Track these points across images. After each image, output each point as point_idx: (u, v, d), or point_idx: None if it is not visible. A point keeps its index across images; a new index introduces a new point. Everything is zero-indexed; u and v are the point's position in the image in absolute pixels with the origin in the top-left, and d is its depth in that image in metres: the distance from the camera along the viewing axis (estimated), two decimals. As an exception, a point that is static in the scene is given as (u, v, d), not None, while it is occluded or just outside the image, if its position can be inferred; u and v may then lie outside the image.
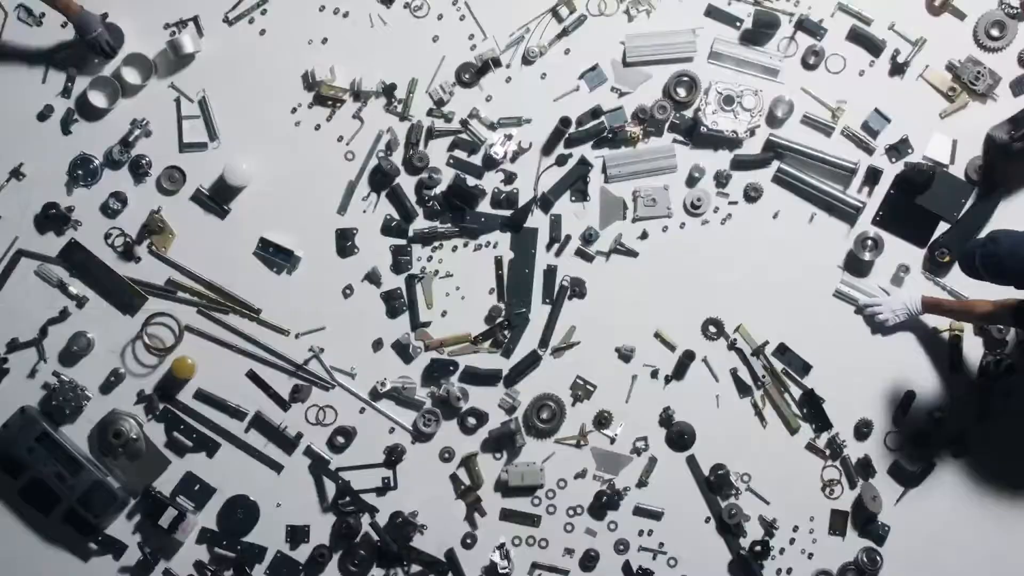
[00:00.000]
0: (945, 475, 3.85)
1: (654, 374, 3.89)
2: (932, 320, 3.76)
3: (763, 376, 3.86)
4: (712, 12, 3.87)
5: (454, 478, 3.92)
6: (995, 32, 3.78)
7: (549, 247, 3.94)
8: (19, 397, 3.94)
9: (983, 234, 3.63)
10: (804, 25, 3.84)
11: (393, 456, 3.92)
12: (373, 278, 3.93)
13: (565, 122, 3.89)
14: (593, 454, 3.92)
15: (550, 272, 3.93)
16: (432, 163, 3.92)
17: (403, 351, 3.94)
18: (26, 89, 3.91)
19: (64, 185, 3.93)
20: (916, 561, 3.87)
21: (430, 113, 3.93)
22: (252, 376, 3.94)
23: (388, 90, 3.92)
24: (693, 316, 3.90)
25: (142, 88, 3.93)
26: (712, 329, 3.86)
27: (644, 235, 3.91)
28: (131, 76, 3.89)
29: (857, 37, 3.84)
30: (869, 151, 3.85)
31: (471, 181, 3.92)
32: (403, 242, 3.95)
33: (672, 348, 3.89)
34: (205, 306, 3.96)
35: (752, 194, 3.86)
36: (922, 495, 3.86)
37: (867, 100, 3.86)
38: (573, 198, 3.93)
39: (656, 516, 3.88)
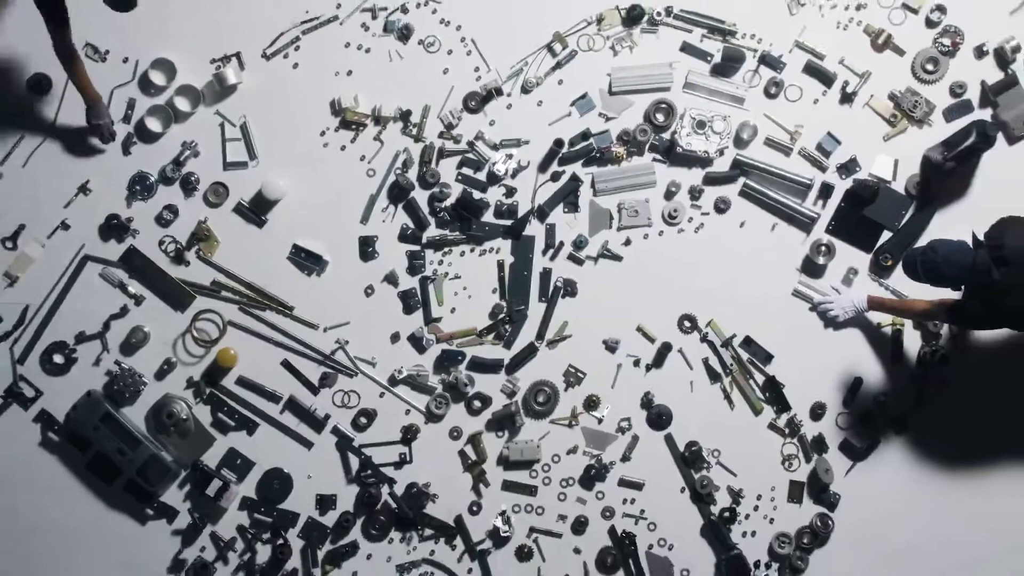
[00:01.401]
0: (888, 451, 4.13)
1: (636, 363, 4.16)
2: (876, 316, 4.03)
3: (731, 365, 4.13)
4: (686, 48, 4.13)
5: (462, 454, 4.18)
6: (930, 67, 4.07)
7: (545, 252, 4.19)
8: (86, 382, 4.21)
9: (923, 242, 3.80)
10: (766, 60, 4.12)
11: (408, 434, 4.18)
12: (391, 279, 4.19)
13: (558, 143, 4.12)
14: (583, 433, 4.17)
15: (545, 274, 4.18)
16: (443, 179, 4.19)
17: (417, 343, 4.20)
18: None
19: (124, 199, 4.22)
20: (863, 524, 4.13)
21: (441, 135, 4.19)
22: (286, 365, 4.20)
23: (404, 115, 4.17)
24: (670, 312, 4.17)
25: (191, 115, 4.20)
26: (687, 324, 4.13)
27: (627, 242, 4.16)
28: (182, 104, 4.18)
29: (812, 70, 4.11)
30: (822, 169, 4.11)
31: (477, 195, 4.18)
32: (417, 248, 4.21)
33: (652, 340, 4.14)
34: (245, 304, 4.20)
35: (721, 206, 4.12)
36: (868, 468, 4.13)
37: (820, 125, 4.14)
38: (565, 209, 4.19)
39: (638, 487, 4.15)
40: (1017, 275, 3.43)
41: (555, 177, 4.17)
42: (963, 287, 3.59)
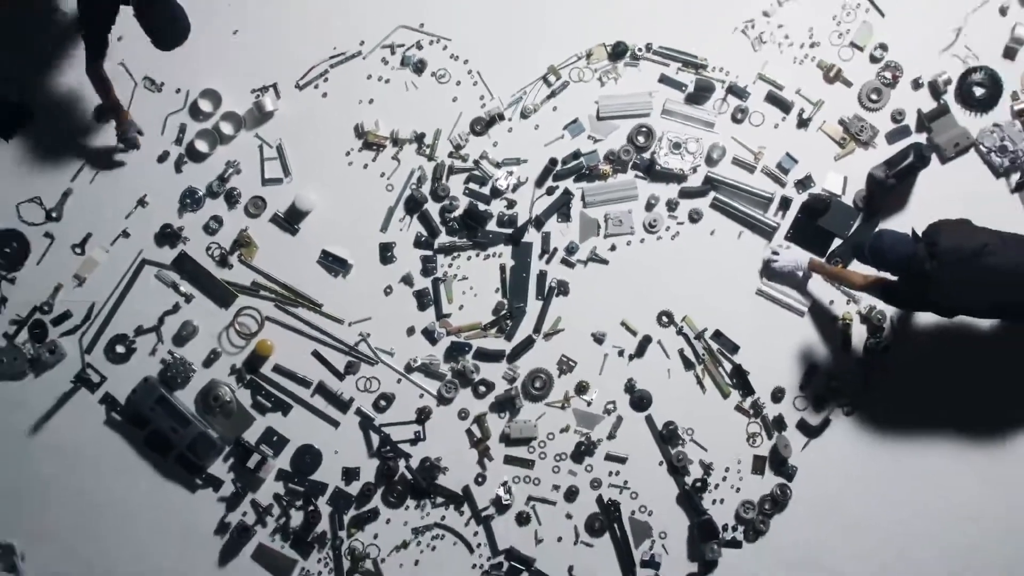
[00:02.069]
0: (838, 429, 4.37)
1: (620, 353, 4.41)
2: (828, 313, 4.32)
3: (703, 355, 4.36)
4: (664, 79, 4.42)
5: (469, 432, 4.43)
6: (874, 96, 4.36)
7: (541, 257, 4.45)
8: (143, 369, 4.48)
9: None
10: (733, 90, 4.39)
11: (422, 415, 4.44)
12: (407, 280, 4.46)
13: (553, 162, 4.41)
14: (574, 414, 4.43)
15: (542, 276, 4.44)
16: (452, 193, 4.45)
17: (430, 336, 4.45)
18: (149, 139, 4.48)
19: (176, 210, 4.49)
20: (817, 493, 4.36)
21: (450, 155, 4.46)
22: (316, 355, 4.45)
23: (419, 138, 4.45)
24: (650, 309, 4.42)
25: (234, 137, 4.48)
26: (664, 319, 4.39)
27: (613, 248, 4.42)
28: (227, 128, 4.47)
29: (772, 99, 4.39)
30: (782, 184, 4.38)
31: (481, 207, 4.44)
32: (430, 253, 4.46)
33: (634, 333, 4.40)
34: (280, 301, 4.46)
35: (695, 217, 4.39)
36: (821, 444, 4.37)
37: (780, 146, 4.40)
38: (559, 219, 4.45)
39: (622, 461, 4.39)
40: (943, 270, 3.75)
41: (550, 191, 4.46)
42: (900, 272, 3.88)
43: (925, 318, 4.31)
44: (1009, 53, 4.37)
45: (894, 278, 3.96)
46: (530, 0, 4.46)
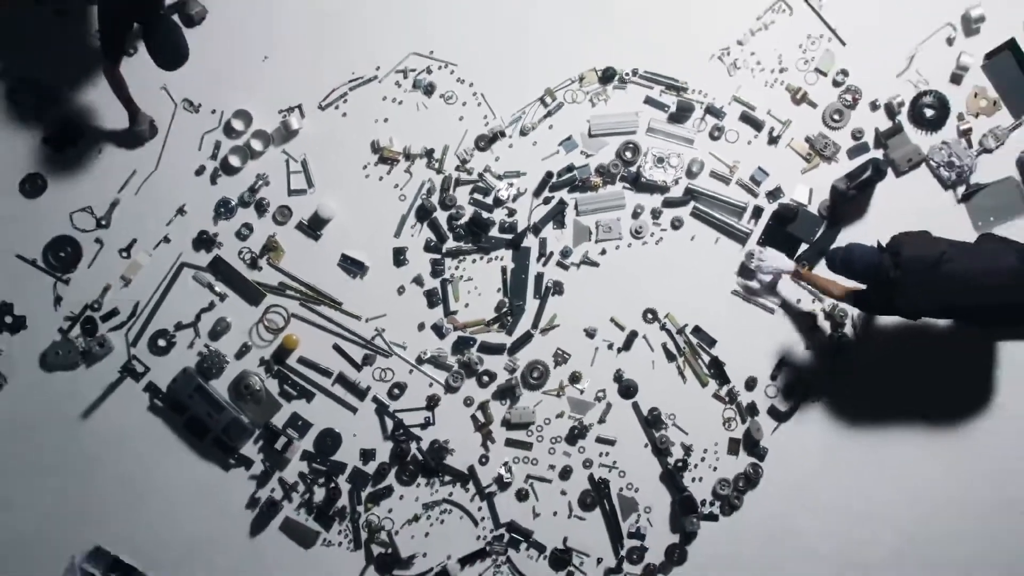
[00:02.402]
0: (805, 414, 4.57)
1: (610, 346, 4.59)
2: (794, 311, 4.53)
3: (684, 348, 4.55)
4: (649, 100, 4.60)
5: (473, 417, 4.62)
6: (836, 117, 4.57)
7: (538, 260, 4.61)
8: (182, 361, 4.66)
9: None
10: (710, 110, 4.58)
11: (432, 402, 4.61)
12: (418, 281, 4.62)
13: (549, 175, 4.58)
14: (568, 401, 4.61)
15: (539, 277, 4.60)
16: (459, 202, 4.61)
17: (439, 331, 4.63)
18: (188, 155, 4.67)
19: (211, 218, 4.66)
20: (786, 472, 4.57)
21: (457, 168, 4.62)
22: (336, 348, 4.62)
23: (428, 153, 4.61)
24: (636, 307, 4.60)
25: (263, 153, 4.64)
26: (649, 316, 4.58)
27: (603, 252, 4.60)
28: (257, 145, 4.63)
29: (746, 118, 4.59)
30: (754, 195, 4.56)
31: (485, 215, 4.60)
32: (438, 256, 4.62)
33: (622, 329, 4.58)
34: (304, 300, 4.62)
35: (676, 224, 4.57)
36: (789, 428, 4.58)
37: (753, 161, 4.58)
38: (554, 226, 4.61)
39: (611, 443, 4.58)
40: (907, 278, 3.98)
41: (546, 201, 4.62)
42: (868, 281, 4.09)
43: (888, 318, 4.53)
44: (955, 79, 4.61)
45: (863, 287, 4.19)
46: (529, 29, 4.66)
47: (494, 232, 4.68)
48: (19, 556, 4.74)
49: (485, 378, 4.67)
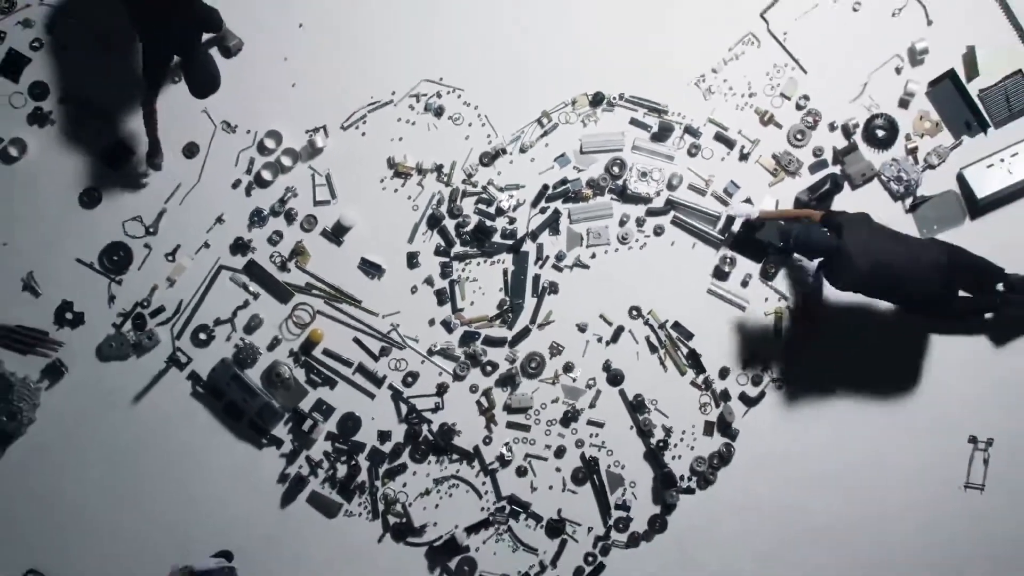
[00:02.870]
0: (772, 400, 4.92)
1: (599, 340, 4.90)
2: (762, 308, 4.80)
3: (665, 341, 4.88)
4: (634, 121, 4.91)
5: (478, 403, 4.92)
6: (799, 136, 4.90)
7: (536, 263, 4.91)
8: (220, 352, 4.97)
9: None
10: (688, 130, 4.90)
11: (441, 389, 4.93)
12: (429, 281, 4.92)
13: (545, 187, 4.89)
14: (562, 388, 4.93)
15: (536, 278, 4.90)
16: (465, 212, 4.90)
17: (447, 326, 4.94)
18: (226, 170, 4.97)
19: (246, 226, 4.96)
20: (755, 450, 4.90)
21: (463, 182, 4.92)
22: (356, 341, 4.92)
23: (438, 168, 4.91)
24: (623, 304, 4.91)
25: (292, 168, 4.94)
26: (634, 312, 4.90)
27: (593, 256, 4.91)
28: (286, 161, 4.92)
29: (720, 137, 4.91)
30: (727, 205, 4.88)
31: (488, 223, 4.89)
32: (447, 260, 4.91)
33: (610, 324, 4.89)
34: (328, 298, 4.92)
35: (658, 231, 4.89)
36: (758, 411, 4.92)
37: (726, 175, 4.90)
38: (550, 233, 4.92)
39: (600, 425, 4.90)
40: (847, 244, 4.27)
41: (543, 211, 4.93)
42: (819, 254, 4.43)
43: (840, 313, 4.87)
44: (903, 103, 4.98)
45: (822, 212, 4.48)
46: (527, 58, 4.99)
47: (496, 238, 4.97)
48: (82, 520, 5.08)
49: (488, 368, 4.98)
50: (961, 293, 4.75)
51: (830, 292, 4.71)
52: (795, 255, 4.76)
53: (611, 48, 4.99)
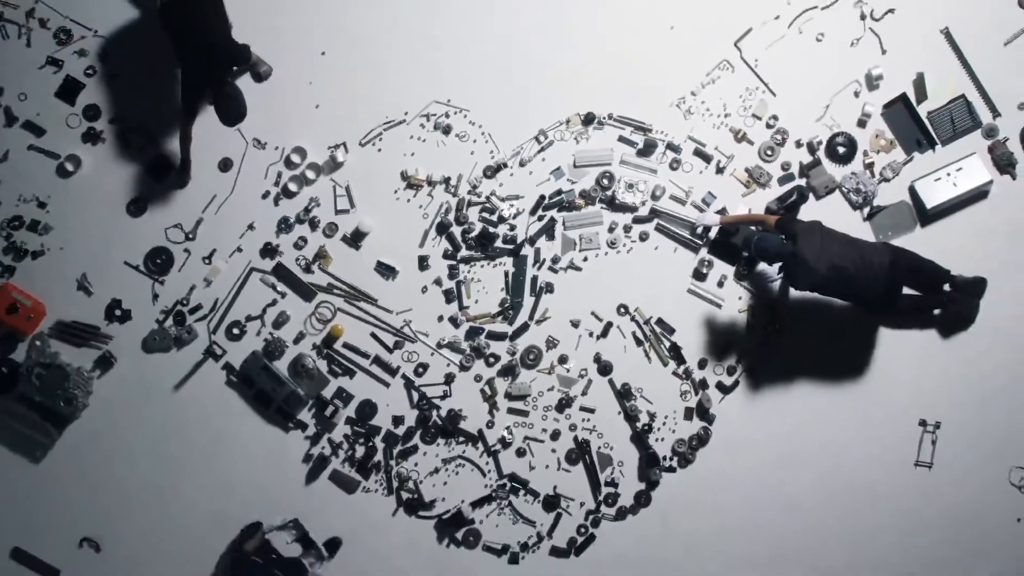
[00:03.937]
0: (745, 387, 5.25)
1: (591, 334, 5.24)
2: (736, 305, 5.11)
3: (649, 335, 5.21)
4: (621, 139, 5.23)
5: (482, 391, 5.27)
6: (769, 152, 5.21)
7: (534, 265, 5.25)
8: (251, 346, 5.34)
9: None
10: (670, 146, 5.21)
11: (449, 379, 5.27)
12: (438, 282, 5.28)
13: (542, 197, 5.24)
14: (557, 378, 5.26)
15: (534, 279, 5.24)
16: (470, 220, 5.23)
17: (454, 322, 5.28)
18: (256, 182, 5.34)
19: (275, 233, 5.32)
20: (730, 433, 5.21)
21: (469, 193, 5.27)
22: (373, 335, 5.27)
23: (446, 180, 5.26)
24: (612, 302, 5.23)
25: (315, 180, 5.30)
26: (622, 310, 5.22)
27: (585, 259, 5.23)
28: (310, 174, 5.28)
29: (698, 152, 5.24)
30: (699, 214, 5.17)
31: (491, 229, 5.22)
32: (454, 262, 5.26)
33: (600, 320, 5.22)
34: (347, 297, 5.27)
35: (643, 237, 5.20)
36: (733, 398, 5.25)
37: (704, 187, 5.22)
38: (546, 238, 5.26)
39: (591, 411, 5.24)
40: (801, 250, 4.60)
41: (540, 218, 5.27)
42: (777, 259, 4.73)
43: (805, 312, 5.25)
44: (861, 123, 5.32)
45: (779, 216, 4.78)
46: (526, 82, 5.35)
47: (498, 243, 5.32)
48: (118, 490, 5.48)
49: (491, 359, 5.33)
50: (911, 292, 5.11)
51: (794, 292, 5.12)
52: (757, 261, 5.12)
53: (601, 73, 5.33)
